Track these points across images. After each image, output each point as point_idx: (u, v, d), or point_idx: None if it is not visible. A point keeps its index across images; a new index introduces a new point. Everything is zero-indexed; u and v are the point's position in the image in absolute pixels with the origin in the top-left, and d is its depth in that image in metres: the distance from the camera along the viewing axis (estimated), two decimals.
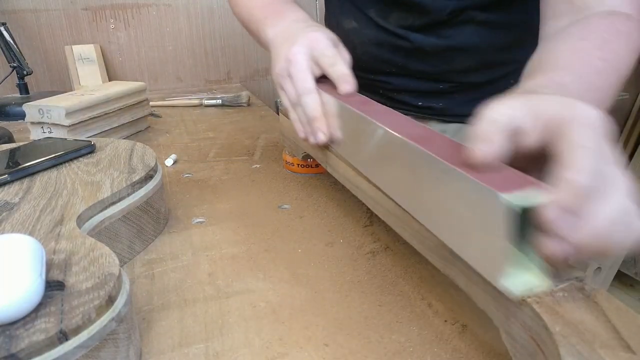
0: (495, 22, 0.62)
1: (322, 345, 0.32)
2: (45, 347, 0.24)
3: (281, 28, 0.55)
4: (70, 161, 0.51)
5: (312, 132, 0.48)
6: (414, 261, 0.42)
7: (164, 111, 1.07)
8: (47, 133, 0.74)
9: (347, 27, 0.70)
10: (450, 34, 0.63)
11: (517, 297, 0.24)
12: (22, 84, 1.10)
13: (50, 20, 1.28)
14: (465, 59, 0.65)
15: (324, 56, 0.48)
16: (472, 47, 0.64)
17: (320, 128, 0.47)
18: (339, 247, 0.46)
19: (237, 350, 0.32)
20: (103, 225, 0.41)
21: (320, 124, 0.47)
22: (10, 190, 0.44)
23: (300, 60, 0.48)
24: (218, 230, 0.49)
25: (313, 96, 0.47)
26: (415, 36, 0.64)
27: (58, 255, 0.32)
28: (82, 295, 0.28)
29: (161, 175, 0.51)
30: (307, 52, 0.48)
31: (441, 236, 0.30)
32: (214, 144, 0.80)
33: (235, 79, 1.49)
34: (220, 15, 1.42)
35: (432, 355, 0.31)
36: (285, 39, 0.51)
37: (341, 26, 0.71)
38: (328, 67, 0.47)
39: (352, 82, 0.46)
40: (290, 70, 0.48)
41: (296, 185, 0.61)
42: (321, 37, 0.49)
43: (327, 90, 0.46)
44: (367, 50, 0.68)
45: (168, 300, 0.38)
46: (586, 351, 0.21)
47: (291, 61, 0.48)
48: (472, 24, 0.62)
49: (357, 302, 0.37)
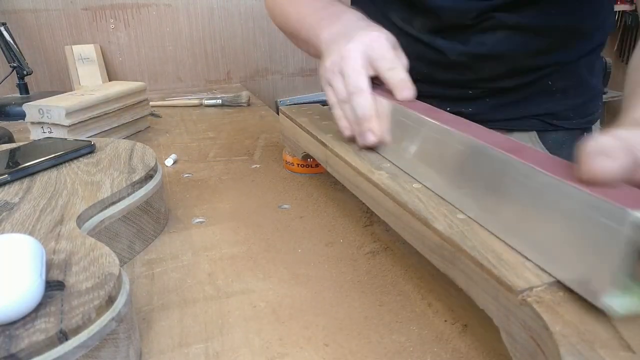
0: (529, 26, 0.57)
1: (322, 345, 0.32)
2: (45, 347, 0.24)
3: (337, 28, 0.52)
4: (70, 161, 0.51)
5: (361, 132, 0.46)
6: (414, 261, 0.42)
7: (164, 111, 1.07)
8: (47, 133, 0.74)
9: None
10: (479, 40, 0.59)
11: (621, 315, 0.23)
12: (22, 84, 1.10)
13: (50, 20, 1.28)
14: (495, 67, 0.61)
15: (383, 59, 0.45)
16: (502, 54, 0.60)
17: (372, 129, 0.45)
18: (339, 247, 0.46)
19: (237, 350, 0.32)
20: (103, 225, 0.41)
21: (372, 125, 0.45)
22: (10, 190, 0.44)
23: (355, 57, 0.45)
24: (218, 230, 0.49)
25: (367, 96, 0.45)
26: (441, 43, 0.61)
27: (58, 255, 0.32)
28: (82, 295, 0.28)
29: (161, 175, 0.51)
30: (364, 50, 0.46)
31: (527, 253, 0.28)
32: (214, 144, 0.80)
33: (235, 79, 1.49)
34: (220, 16, 1.42)
35: (432, 355, 0.31)
36: (341, 36, 0.49)
37: None
38: (385, 71, 0.45)
39: (412, 88, 0.44)
40: (343, 67, 0.46)
41: (296, 185, 0.61)
42: (381, 37, 0.46)
43: (383, 96, 0.45)
44: None
45: (168, 300, 0.38)
46: (586, 351, 0.21)
47: (345, 58, 0.46)
48: (502, 29, 0.58)
49: (357, 302, 0.37)
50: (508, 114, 0.65)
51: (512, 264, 0.27)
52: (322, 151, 0.51)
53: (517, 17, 0.57)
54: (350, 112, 0.47)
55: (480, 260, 0.28)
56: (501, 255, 0.28)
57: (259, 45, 1.48)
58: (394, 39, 0.48)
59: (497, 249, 0.29)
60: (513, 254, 0.28)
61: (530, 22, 0.57)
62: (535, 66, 0.62)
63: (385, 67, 0.45)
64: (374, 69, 0.46)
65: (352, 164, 0.44)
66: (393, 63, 0.45)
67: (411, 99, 0.44)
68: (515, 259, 0.28)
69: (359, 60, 0.45)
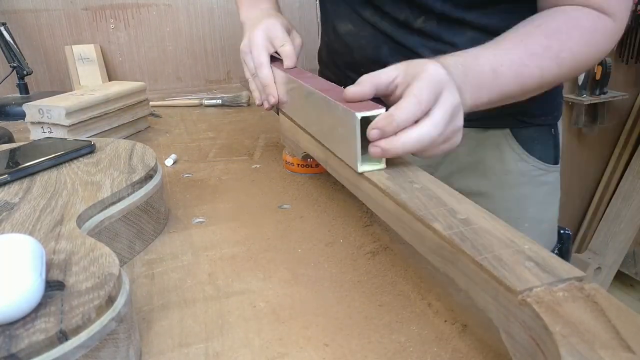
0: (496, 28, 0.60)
1: (322, 345, 0.32)
2: (45, 347, 0.24)
3: (252, 14, 0.69)
4: (70, 161, 0.51)
5: (266, 96, 0.61)
6: (414, 261, 0.42)
7: (164, 111, 1.07)
8: (47, 133, 0.74)
9: (342, 30, 0.70)
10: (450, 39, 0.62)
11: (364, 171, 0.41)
12: (22, 84, 1.10)
13: (50, 20, 1.28)
14: None
15: (277, 38, 0.61)
16: None
17: (272, 93, 0.60)
18: (339, 247, 0.46)
19: (237, 350, 0.32)
20: (103, 225, 0.41)
21: (271, 90, 0.60)
22: (10, 190, 0.44)
23: (258, 39, 0.61)
24: (218, 230, 0.49)
25: (266, 68, 0.60)
26: (412, 40, 0.64)
27: (58, 255, 0.32)
28: (82, 295, 0.28)
29: (161, 175, 0.51)
30: (265, 34, 0.61)
31: (331, 148, 0.47)
32: (214, 144, 0.80)
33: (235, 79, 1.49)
34: (220, 15, 1.42)
35: (432, 355, 0.31)
36: (252, 23, 0.65)
37: (336, 30, 0.71)
38: (279, 47, 0.61)
39: (294, 59, 0.60)
40: (251, 47, 0.61)
41: (296, 185, 0.61)
42: (276, 22, 0.63)
43: (277, 67, 0.60)
44: (364, 53, 0.68)
45: (168, 300, 0.38)
46: (586, 351, 0.21)
47: (252, 40, 0.61)
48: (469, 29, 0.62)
49: (357, 302, 0.37)
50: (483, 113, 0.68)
51: (511, 265, 0.27)
52: (322, 151, 0.51)
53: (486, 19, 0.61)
54: (258, 83, 0.62)
55: (480, 261, 0.28)
56: (501, 255, 0.28)
57: None
58: (287, 23, 0.64)
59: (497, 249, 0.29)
60: (513, 254, 0.28)
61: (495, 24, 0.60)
62: None
63: (279, 44, 0.61)
64: (273, 46, 0.61)
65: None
66: (283, 40, 0.61)
67: (292, 66, 0.59)
68: (515, 259, 0.28)
69: (261, 41, 0.61)
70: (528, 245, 0.29)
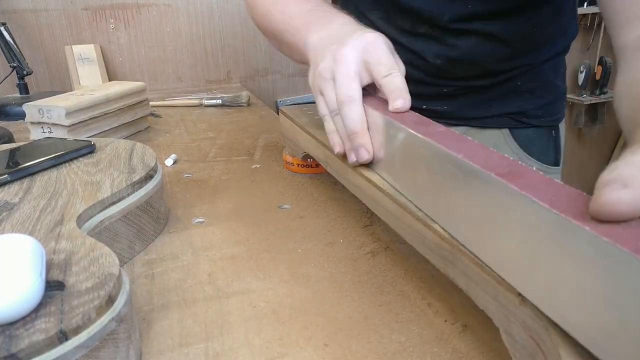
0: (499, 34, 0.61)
1: (322, 345, 0.32)
2: (45, 347, 0.24)
3: (328, 32, 0.48)
4: (70, 161, 0.51)
5: (354, 148, 0.42)
6: (414, 261, 0.42)
7: (164, 111, 1.07)
8: (47, 133, 0.74)
9: None
10: (454, 43, 0.62)
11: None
12: (22, 84, 1.10)
13: (50, 20, 1.28)
14: (468, 69, 0.65)
15: (380, 64, 0.41)
16: (474, 58, 0.63)
17: (365, 145, 0.41)
18: (339, 247, 0.46)
19: (237, 350, 0.32)
20: (103, 225, 0.41)
21: (364, 140, 0.41)
22: (10, 190, 0.44)
23: (350, 62, 0.42)
24: (218, 230, 0.49)
25: (357, 106, 0.41)
26: (418, 45, 0.63)
27: (58, 255, 0.32)
28: (82, 295, 0.28)
29: (161, 175, 0.51)
30: (360, 56, 0.42)
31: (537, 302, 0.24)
32: (214, 144, 0.80)
33: (235, 79, 1.49)
34: (220, 15, 1.42)
35: (432, 355, 0.31)
36: (332, 40, 0.45)
37: None
38: (382, 78, 0.41)
39: (408, 98, 0.39)
40: (336, 73, 0.42)
41: (296, 185, 0.61)
42: (379, 40, 0.42)
43: (371, 104, 0.41)
44: None
45: (168, 300, 0.38)
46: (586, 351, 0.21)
47: (338, 62, 0.42)
48: (473, 35, 0.61)
49: (357, 302, 0.37)
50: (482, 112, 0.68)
51: None
52: (322, 151, 0.52)
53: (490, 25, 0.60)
54: (340, 125, 0.43)
55: (480, 261, 0.28)
56: None
57: (259, 45, 1.48)
58: (390, 43, 0.44)
59: None
60: None
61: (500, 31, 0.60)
62: (504, 69, 0.65)
63: (382, 73, 0.41)
64: (370, 75, 0.42)
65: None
66: (391, 69, 0.41)
67: (405, 109, 0.39)
68: None
69: (353, 65, 0.42)
70: None
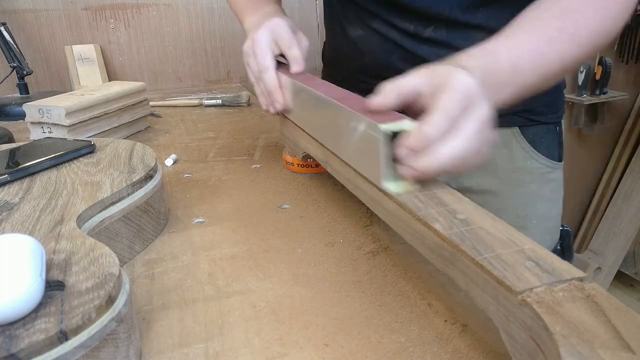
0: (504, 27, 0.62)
1: (322, 345, 0.32)
2: (45, 347, 0.24)
3: (256, 18, 0.64)
4: (70, 161, 0.51)
5: (271, 102, 0.58)
6: (414, 261, 0.42)
7: (164, 111, 1.07)
8: (47, 133, 0.74)
9: (353, 35, 0.69)
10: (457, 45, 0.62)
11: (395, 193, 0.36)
12: (22, 84, 1.10)
13: (50, 20, 1.28)
14: None
15: (282, 39, 0.57)
16: None
17: (277, 99, 0.57)
18: (339, 247, 0.46)
19: (237, 350, 0.32)
20: (103, 225, 0.41)
21: (276, 96, 0.57)
22: (10, 190, 0.44)
23: (262, 40, 0.57)
24: (218, 230, 0.49)
25: (270, 72, 0.57)
26: (421, 49, 0.63)
27: (58, 255, 0.32)
28: (82, 295, 0.28)
29: (161, 175, 0.51)
30: (269, 34, 0.57)
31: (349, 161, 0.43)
32: (214, 144, 0.80)
33: (235, 79, 1.49)
34: (220, 15, 1.42)
35: (432, 355, 0.31)
36: (254, 26, 0.61)
37: (347, 34, 0.70)
38: (285, 49, 0.57)
39: (302, 63, 0.56)
40: (254, 49, 0.57)
41: (296, 185, 0.61)
42: (282, 22, 0.58)
43: (283, 71, 0.57)
44: (375, 57, 0.67)
45: (168, 300, 0.38)
46: (586, 351, 0.21)
47: (255, 41, 0.57)
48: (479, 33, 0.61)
49: (357, 302, 0.37)
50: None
51: (511, 265, 0.27)
52: (322, 151, 0.51)
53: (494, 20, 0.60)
54: (263, 87, 0.58)
55: (480, 261, 0.28)
56: (501, 255, 0.28)
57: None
58: (294, 25, 0.60)
59: (498, 249, 0.29)
60: (513, 254, 0.28)
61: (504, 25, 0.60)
62: None
63: (285, 46, 0.57)
64: (278, 48, 0.57)
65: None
66: (290, 42, 0.57)
67: (300, 71, 0.56)
68: (515, 259, 0.28)
69: (265, 42, 0.57)
70: (528, 245, 0.29)
